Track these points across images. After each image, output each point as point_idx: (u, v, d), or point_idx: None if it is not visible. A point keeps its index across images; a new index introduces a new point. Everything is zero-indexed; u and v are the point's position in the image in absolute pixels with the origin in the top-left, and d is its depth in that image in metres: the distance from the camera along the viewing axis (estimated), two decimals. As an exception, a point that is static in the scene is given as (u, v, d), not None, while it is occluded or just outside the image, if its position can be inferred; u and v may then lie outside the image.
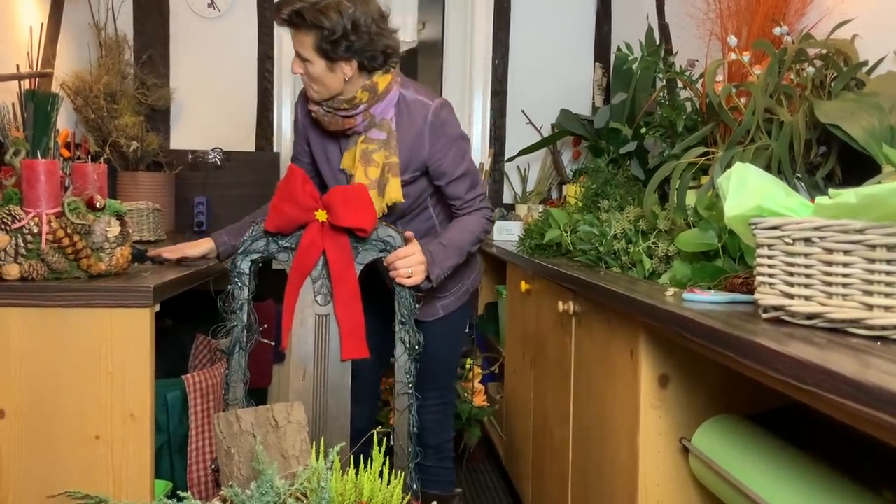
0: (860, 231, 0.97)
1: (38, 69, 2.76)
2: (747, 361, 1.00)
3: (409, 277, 1.73)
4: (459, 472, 3.11)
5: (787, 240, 1.07)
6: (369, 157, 1.85)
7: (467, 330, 2.37)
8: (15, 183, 1.63)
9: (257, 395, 2.51)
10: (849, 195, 1.01)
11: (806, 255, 1.04)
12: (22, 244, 1.51)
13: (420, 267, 1.75)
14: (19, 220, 1.51)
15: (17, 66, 2.59)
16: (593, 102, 3.71)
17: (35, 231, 1.51)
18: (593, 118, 2.94)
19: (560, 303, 1.96)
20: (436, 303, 2.06)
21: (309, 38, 1.76)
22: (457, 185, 1.94)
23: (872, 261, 0.97)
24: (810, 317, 1.06)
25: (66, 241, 1.53)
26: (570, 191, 2.75)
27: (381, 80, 1.85)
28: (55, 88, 2.92)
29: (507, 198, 3.84)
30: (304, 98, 1.97)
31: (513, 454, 2.79)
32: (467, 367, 3.14)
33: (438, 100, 1.90)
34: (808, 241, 1.04)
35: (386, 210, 1.89)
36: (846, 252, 0.99)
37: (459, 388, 3.00)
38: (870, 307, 0.98)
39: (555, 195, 3.71)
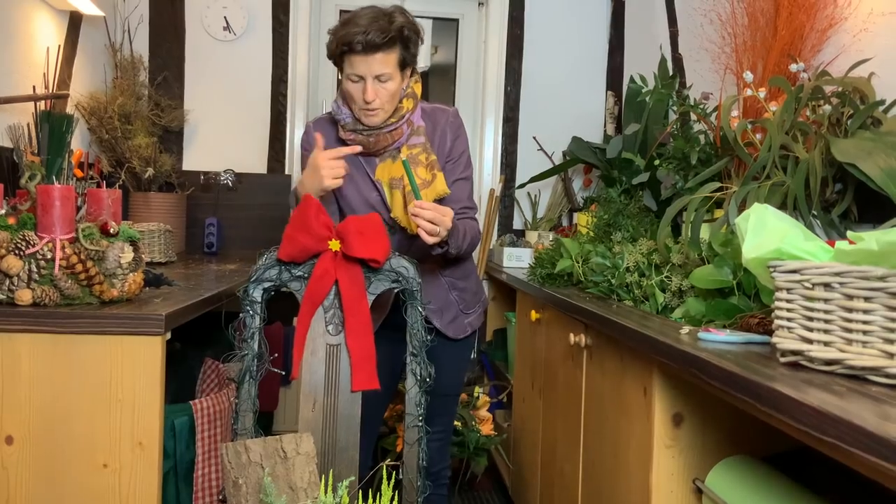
0: (881, 278, 0.96)
1: (55, 90, 2.78)
2: (765, 407, 0.99)
3: (431, 235, 1.73)
4: (465, 500, 3.08)
5: (807, 284, 1.05)
6: (416, 159, 1.91)
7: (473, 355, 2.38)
8: (29, 208, 1.63)
9: (263, 418, 2.49)
10: (870, 241, 1.00)
11: (825, 301, 1.03)
12: (35, 270, 1.51)
13: (445, 231, 1.76)
14: (33, 246, 1.51)
15: (34, 88, 2.61)
16: (605, 130, 3.71)
17: (49, 257, 1.51)
18: (605, 147, 2.94)
19: (571, 335, 1.94)
20: (464, 320, 2.06)
21: (394, 54, 1.80)
22: (462, 186, 1.99)
23: (894, 308, 0.96)
24: (829, 363, 1.04)
25: (79, 267, 1.52)
26: (581, 219, 2.75)
27: (416, 85, 1.94)
28: (70, 109, 2.94)
29: (517, 224, 3.83)
30: (324, 128, 1.97)
31: (520, 485, 2.76)
32: (475, 394, 3.12)
33: (452, 107, 2.04)
34: (827, 286, 1.03)
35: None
36: (867, 299, 0.98)
37: (467, 415, 2.98)
38: (890, 355, 0.96)
39: (565, 223, 3.71)
